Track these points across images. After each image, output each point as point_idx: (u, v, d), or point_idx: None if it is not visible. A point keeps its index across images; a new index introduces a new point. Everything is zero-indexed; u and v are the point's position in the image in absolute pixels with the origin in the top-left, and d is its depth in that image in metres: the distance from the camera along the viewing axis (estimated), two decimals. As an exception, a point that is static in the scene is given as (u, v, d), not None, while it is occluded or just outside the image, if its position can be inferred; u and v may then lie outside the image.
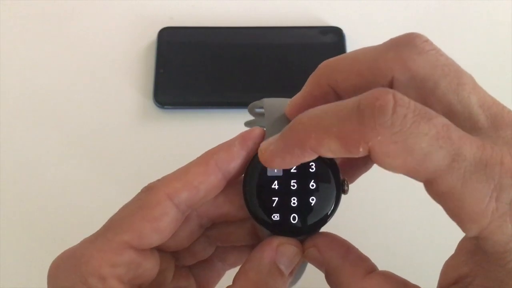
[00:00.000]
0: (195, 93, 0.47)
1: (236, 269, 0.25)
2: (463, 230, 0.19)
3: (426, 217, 0.41)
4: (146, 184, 0.24)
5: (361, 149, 0.19)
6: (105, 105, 0.47)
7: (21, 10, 0.51)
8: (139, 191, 0.24)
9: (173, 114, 0.47)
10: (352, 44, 0.49)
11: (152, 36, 0.49)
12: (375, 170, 0.28)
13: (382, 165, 0.19)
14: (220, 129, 0.41)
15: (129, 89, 0.47)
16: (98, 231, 0.24)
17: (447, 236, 0.22)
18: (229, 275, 0.26)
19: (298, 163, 0.22)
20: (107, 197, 0.42)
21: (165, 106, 0.46)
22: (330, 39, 0.49)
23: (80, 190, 0.43)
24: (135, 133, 0.46)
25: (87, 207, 0.42)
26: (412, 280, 0.22)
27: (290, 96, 0.26)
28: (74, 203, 0.42)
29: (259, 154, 0.23)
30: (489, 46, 0.50)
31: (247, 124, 0.30)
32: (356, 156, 0.19)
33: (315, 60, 0.24)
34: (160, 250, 0.25)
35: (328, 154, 0.20)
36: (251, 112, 0.29)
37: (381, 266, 0.23)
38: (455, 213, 0.19)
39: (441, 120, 0.19)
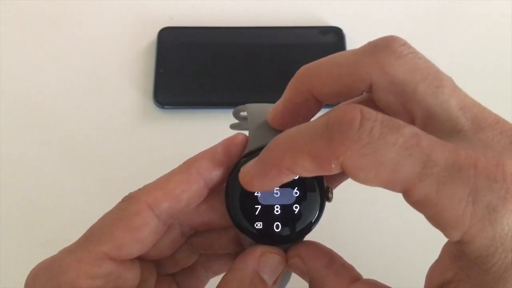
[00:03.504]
0: (195, 93, 0.47)
1: (221, 276, 0.24)
2: (446, 235, 0.19)
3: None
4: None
5: (333, 165, 0.19)
6: (105, 105, 0.47)
7: (21, 10, 0.51)
8: (120, 200, 0.24)
9: (173, 114, 0.47)
10: (352, 44, 0.48)
11: (152, 36, 0.49)
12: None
13: (357, 179, 0.19)
14: (220, 129, 0.41)
15: (129, 89, 0.47)
16: (77, 241, 0.23)
17: (435, 238, 0.21)
18: (213, 282, 0.25)
19: (277, 185, 0.21)
20: (107, 197, 0.42)
21: (165, 106, 0.46)
22: (330, 39, 0.49)
23: (80, 190, 0.43)
24: (135, 133, 0.46)
25: (87, 207, 0.42)
26: (401, 284, 0.22)
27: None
28: (73, 203, 0.42)
29: (240, 178, 0.22)
30: (489, 46, 0.49)
31: (232, 127, 0.30)
32: (330, 173, 0.19)
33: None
34: (141, 259, 0.25)
35: (304, 174, 0.20)
36: (236, 116, 0.29)
37: (367, 271, 0.23)
38: (435, 220, 0.18)
39: (409, 129, 0.18)
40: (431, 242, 0.22)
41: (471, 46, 0.49)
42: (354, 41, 0.49)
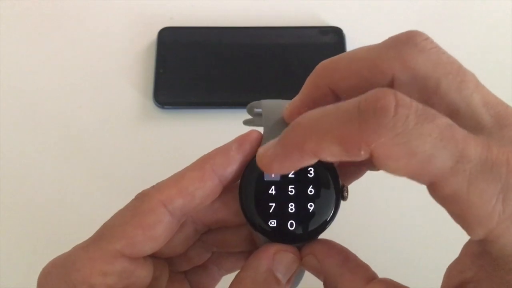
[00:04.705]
0: (195, 93, 0.47)
1: (233, 274, 0.24)
2: (469, 233, 0.18)
3: (429, 218, 0.40)
4: (145, 185, 0.24)
5: (362, 152, 0.18)
6: (105, 105, 0.47)
7: (20, 10, 0.51)
8: (133, 197, 0.24)
9: (173, 114, 0.47)
10: (352, 44, 0.48)
11: (152, 36, 0.49)
12: (376, 172, 0.28)
13: (384, 168, 0.19)
14: (220, 129, 0.41)
15: (129, 89, 0.47)
16: (90, 238, 0.23)
17: (450, 237, 0.21)
18: (226, 280, 0.25)
19: (298, 168, 0.21)
20: (107, 197, 0.42)
21: (165, 106, 0.46)
22: (330, 39, 0.49)
23: (80, 190, 0.43)
24: (135, 133, 0.46)
25: (87, 207, 0.42)
26: (416, 283, 0.22)
27: (289, 97, 0.25)
28: (73, 204, 0.42)
29: (257, 159, 0.22)
30: (489, 46, 0.49)
31: (245, 122, 0.29)
32: (358, 159, 0.19)
33: (315, 60, 0.24)
34: (154, 256, 0.25)
35: (329, 158, 0.19)
36: (250, 112, 0.29)
37: (383, 269, 0.23)
38: (461, 216, 0.18)
39: (445, 120, 0.18)
40: (449, 241, 0.22)
41: (471, 46, 0.49)
42: (354, 41, 0.49)
